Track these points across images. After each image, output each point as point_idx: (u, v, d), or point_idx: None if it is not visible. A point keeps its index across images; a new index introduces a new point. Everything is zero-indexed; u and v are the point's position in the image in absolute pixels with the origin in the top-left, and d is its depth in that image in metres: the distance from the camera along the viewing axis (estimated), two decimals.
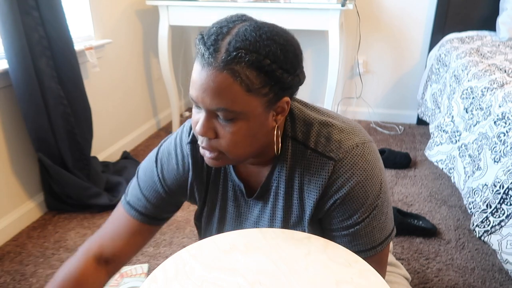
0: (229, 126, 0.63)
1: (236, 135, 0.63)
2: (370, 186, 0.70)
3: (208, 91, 0.60)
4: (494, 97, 1.43)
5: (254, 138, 0.65)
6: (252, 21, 0.63)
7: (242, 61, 0.58)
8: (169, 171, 0.79)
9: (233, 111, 0.61)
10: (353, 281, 0.59)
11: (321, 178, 0.70)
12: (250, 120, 0.63)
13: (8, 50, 1.52)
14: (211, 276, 0.60)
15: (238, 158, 0.67)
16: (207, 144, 0.66)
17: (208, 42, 0.59)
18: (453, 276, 1.43)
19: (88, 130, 1.87)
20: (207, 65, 0.59)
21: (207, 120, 0.63)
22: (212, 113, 0.63)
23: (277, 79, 0.61)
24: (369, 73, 2.88)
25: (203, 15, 2.30)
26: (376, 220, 0.72)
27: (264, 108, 0.63)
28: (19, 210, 1.72)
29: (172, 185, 0.80)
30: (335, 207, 0.71)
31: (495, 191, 1.19)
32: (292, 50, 0.62)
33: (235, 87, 0.59)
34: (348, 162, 0.69)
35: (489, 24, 2.52)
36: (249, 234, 0.69)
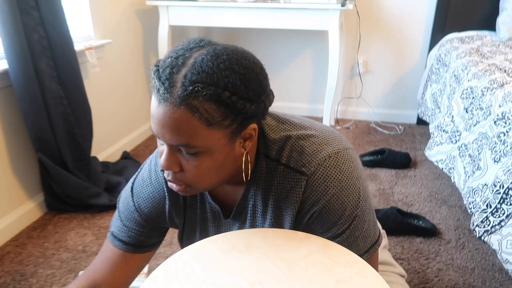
0: (192, 159, 0.61)
1: (200, 168, 0.62)
2: (346, 197, 0.68)
3: (166, 127, 0.57)
4: (494, 97, 1.43)
5: (220, 169, 0.64)
6: (211, 48, 0.59)
7: (199, 95, 0.55)
8: (146, 199, 0.78)
9: (195, 146, 0.59)
10: (353, 281, 0.59)
11: (296, 194, 0.68)
12: (214, 152, 0.61)
13: (8, 50, 1.52)
14: (211, 276, 0.60)
15: (207, 188, 0.66)
16: (172, 177, 0.64)
17: (163, 76, 0.56)
18: (453, 276, 1.43)
19: (88, 130, 1.87)
20: (163, 101, 0.56)
21: (170, 154, 0.61)
22: (175, 147, 0.61)
23: (239, 110, 0.58)
24: (369, 73, 2.87)
25: (203, 15, 2.30)
26: (357, 230, 0.71)
27: (228, 139, 0.61)
28: (19, 210, 1.72)
29: (150, 213, 0.79)
30: (312, 221, 0.70)
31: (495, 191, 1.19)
32: (253, 78, 0.59)
33: (195, 122, 0.56)
34: (321, 175, 0.67)
35: (489, 24, 2.52)
36: (249, 234, 0.69)
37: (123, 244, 0.80)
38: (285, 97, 3.09)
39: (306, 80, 3.00)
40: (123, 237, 0.80)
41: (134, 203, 0.79)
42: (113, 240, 0.81)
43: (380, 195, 1.95)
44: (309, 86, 3.02)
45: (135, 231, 0.80)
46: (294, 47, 2.93)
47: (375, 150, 2.29)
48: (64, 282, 1.43)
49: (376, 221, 0.76)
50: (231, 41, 3.04)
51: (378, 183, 2.06)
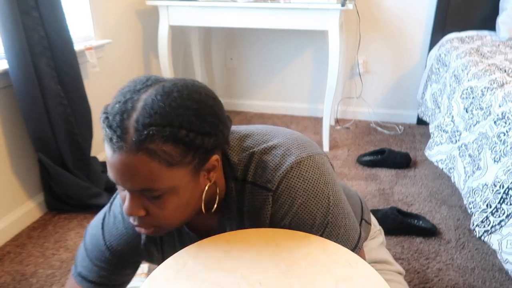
0: (158, 202, 0.59)
1: (167, 209, 0.60)
2: (315, 205, 0.67)
3: (126, 175, 0.55)
4: (494, 97, 1.43)
5: (187, 206, 0.62)
6: (159, 86, 0.57)
7: (156, 138, 0.53)
8: (117, 236, 0.74)
9: (158, 189, 0.57)
10: (353, 280, 0.59)
11: (265, 210, 0.68)
12: (179, 191, 0.59)
13: (8, 50, 1.52)
14: (211, 276, 0.60)
15: (176, 226, 0.64)
16: (139, 222, 0.62)
17: (113, 124, 0.54)
18: (453, 276, 1.43)
19: (88, 130, 1.87)
20: (118, 149, 0.54)
21: (133, 201, 0.59)
22: (137, 192, 0.59)
23: (198, 145, 0.57)
24: (369, 73, 2.87)
25: (203, 15, 2.30)
26: (333, 236, 0.69)
27: (192, 175, 0.59)
28: (19, 210, 1.72)
29: (123, 250, 0.75)
30: None
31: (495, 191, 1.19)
32: (208, 111, 0.58)
33: (155, 165, 0.55)
34: (285, 188, 0.66)
35: (489, 24, 2.52)
36: (249, 234, 0.69)
37: (93, 286, 0.75)
38: (285, 97, 3.09)
39: (306, 80, 3.00)
40: (93, 278, 0.75)
41: (106, 241, 0.74)
42: (81, 281, 0.75)
43: (380, 195, 1.95)
44: (309, 86, 3.02)
45: (106, 271, 0.75)
46: (294, 47, 2.93)
47: (375, 150, 2.29)
48: (64, 282, 1.43)
49: (354, 222, 0.74)
50: (231, 41, 3.04)
51: (378, 183, 2.06)
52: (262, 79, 3.09)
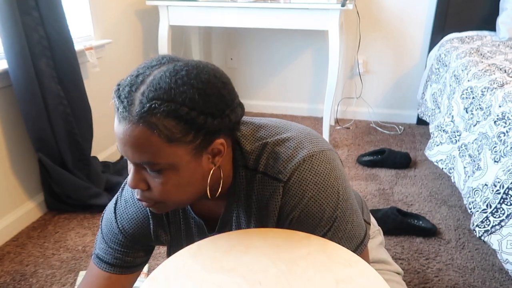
0: (158, 177, 0.60)
1: (166, 185, 0.61)
2: (324, 199, 0.67)
3: (128, 145, 0.57)
4: (494, 97, 1.43)
5: (188, 186, 0.63)
6: (171, 65, 0.59)
7: (157, 112, 0.55)
8: (129, 220, 0.77)
9: (158, 163, 0.58)
10: (353, 281, 0.59)
11: (275, 201, 0.68)
12: (179, 169, 0.60)
13: (8, 50, 1.52)
14: (211, 276, 0.60)
15: (178, 204, 0.66)
16: (141, 196, 0.64)
17: (122, 95, 0.57)
18: (453, 276, 1.43)
19: (88, 130, 1.87)
20: (123, 119, 0.57)
21: (136, 173, 0.61)
22: (140, 165, 0.61)
23: (200, 125, 0.58)
24: (369, 73, 2.87)
25: (203, 15, 2.30)
26: (340, 232, 0.70)
27: (192, 155, 0.60)
28: (19, 210, 1.72)
29: (134, 234, 0.78)
30: (292, 225, 0.70)
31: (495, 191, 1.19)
32: (214, 92, 0.58)
33: (155, 139, 0.56)
34: (296, 180, 0.67)
35: (489, 24, 2.52)
36: (249, 234, 0.69)
37: (109, 266, 0.79)
38: (285, 97, 3.09)
39: (306, 80, 3.00)
40: (109, 259, 0.79)
41: (118, 224, 0.77)
42: (98, 263, 0.80)
43: (380, 195, 1.95)
44: (309, 86, 3.02)
45: (120, 252, 0.79)
46: (294, 47, 2.93)
47: (375, 150, 2.29)
48: (64, 282, 1.43)
49: (360, 219, 0.75)
50: (231, 41, 3.04)
51: (378, 183, 2.06)
52: (262, 79, 3.09)
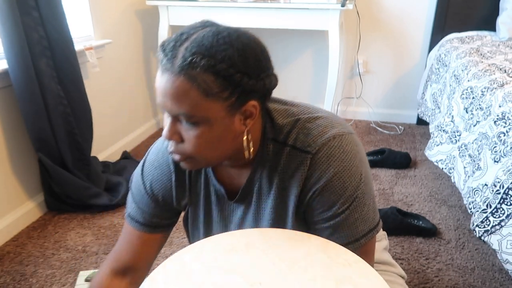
0: (192, 130, 0.63)
1: (199, 139, 0.63)
2: (348, 177, 0.69)
3: (168, 96, 0.61)
4: (494, 97, 1.43)
5: (219, 143, 0.65)
6: (214, 27, 0.63)
7: (197, 66, 0.58)
8: (155, 181, 0.81)
9: (193, 116, 0.61)
10: (353, 281, 0.59)
11: (300, 172, 0.70)
12: (213, 124, 0.62)
13: (8, 50, 1.52)
14: (211, 276, 0.60)
15: (207, 161, 0.67)
16: (174, 148, 0.66)
17: (167, 49, 0.60)
18: (453, 276, 1.43)
19: (88, 130, 1.87)
20: (165, 71, 0.60)
21: (172, 125, 0.64)
22: (176, 117, 0.63)
23: (237, 83, 0.60)
24: (369, 73, 2.88)
25: (203, 15, 2.30)
26: (357, 212, 0.72)
27: (227, 113, 0.62)
28: (19, 210, 1.72)
29: (159, 194, 0.81)
30: (313, 198, 0.71)
31: (495, 191, 1.19)
32: (252, 55, 0.62)
33: (193, 92, 0.59)
34: (324, 154, 0.69)
35: (489, 24, 2.52)
36: (249, 234, 0.69)
37: (139, 225, 0.83)
38: (285, 97, 3.07)
39: (306, 80, 3.00)
40: (139, 218, 0.83)
41: (145, 185, 0.81)
42: (130, 221, 0.84)
43: (380, 195, 1.95)
44: (309, 86, 3.02)
45: (148, 213, 0.83)
46: (294, 47, 2.93)
47: (375, 150, 2.29)
48: (64, 282, 1.43)
49: (376, 207, 0.77)
50: None
51: (378, 183, 2.06)
52: None
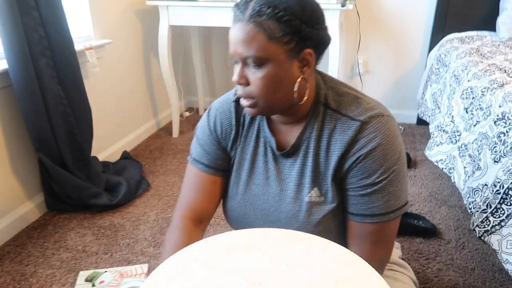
0: (258, 72, 0.72)
1: (264, 79, 0.72)
2: (389, 151, 0.76)
3: (239, 42, 0.72)
4: (494, 97, 1.43)
5: (280, 85, 0.74)
6: None
7: (264, 14, 0.69)
8: (218, 122, 0.89)
9: (260, 57, 0.71)
10: (353, 281, 0.59)
11: (347, 136, 0.76)
12: (276, 65, 0.72)
13: (8, 50, 1.52)
14: (211, 276, 0.60)
15: (269, 106, 0.76)
16: (242, 91, 0.75)
17: (240, 4, 0.73)
18: (453, 276, 1.43)
19: (88, 130, 1.87)
20: (237, 21, 0.72)
21: (241, 69, 0.74)
22: (245, 62, 0.73)
23: (296, 29, 0.70)
24: (369, 73, 2.88)
25: (203, 15, 2.30)
26: (392, 186, 0.77)
27: (287, 56, 0.72)
28: (19, 210, 1.72)
29: (221, 134, 0.89)
30: (355, 165, 0.77)
31: (495, 191, 1.19)
32: (309, 7, 0.72)
33: (260, 36, 0.70)
34: (372, 126, 0.76)
35: (489, 24, 2.52)
36: (249, 234, 0.69)
37: (205, 167, 0.90)
38: None
39: None
40: (204, 160, 0.90)
41: (209, 125, 0.90)
42: (196, 164, 0.91)
43: None
44: None
45: (212, 154, 0.90)
46: None
47: None
48: (64, 282, 1.43)
49: (407, 190, 0.83)
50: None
51: None
52: None
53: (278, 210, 0.84)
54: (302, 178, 0.82)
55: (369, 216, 0.78)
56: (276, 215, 0.84)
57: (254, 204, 0.87)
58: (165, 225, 1.75)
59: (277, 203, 0.84)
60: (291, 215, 0.83)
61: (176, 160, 2.37)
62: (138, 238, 1.66)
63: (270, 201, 0.85)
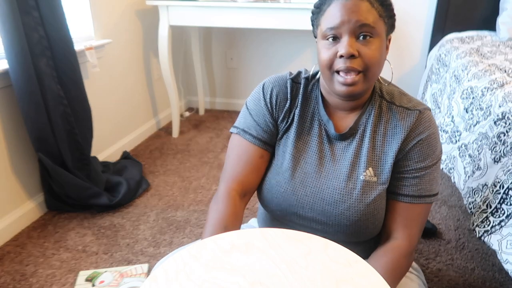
0: (368, 44, 0.78)
1: (375, 51, 0.78)
2: (438, 140, 0.86)
3: (355, 13, 0.77)
4: (494, 97, 1.43)
5: (382, 59, 0.81)
6: None
7: None
8: (273, 92, 0.91)
9: (373, 28, 0.77)
10: (353, 281, 0.59)
11: (408, 123, 0.84)
12: (381, 40, 0.79)
13: (8, 50, 1.52)
14: (211, 276, 0.60)
15: (372, 80, 0.81)
16: (350, 63, 0.78)
17: None
18: (453, 276, 1.43)
19: (88, 130, 1.87)
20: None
21: (350, 42, 0.77)
22: (353, 35, 0.78)
23: (392, 14, 0.81)
24: None
25: (203, 15, 2.30)
26: (436, 172, 0.87)
27: (385, 35, 0.81)
28: (19, 210, 1.72)
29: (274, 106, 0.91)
30: (414, 147, 0.84)
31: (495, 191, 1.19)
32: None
33: (373, 11, 0.77)
34: (427, 115, 0.85)
35: (489, 24, 2.52)
36: (249, 234, 0.69)
37: (253, 138, 0.91)
38: None
39: None
40: (253, 132, 0.91)
41: (265, 97, 0.91)
42: (244, 135, 0.91)
43: None
44: None
45: (261, 126, 0.91)
46: (294, 47, 2.93)
47: None
48: (64, 282, 1.43)
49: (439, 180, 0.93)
50: (231, 41, 3.04)
51: None
52: (262, 79, 3.09)
53: (331, 187, 0.86)
54: (357, 158, 0.87)
55: (417, 197, 0.85)
56: (329, 192, 0.86)
57: (304, 181, 0.88)
58: (165, 225, 1.75)
59: (331, 181, 0.87)
60: (345, 192, 0.85)
61: (176, 160, 2.37)
62: (138, 238, 1.66)
63: (323, 179, 0.87)
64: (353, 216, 0.84)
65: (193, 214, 1.83)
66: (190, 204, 1.92)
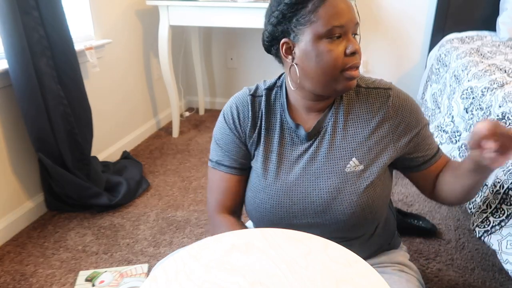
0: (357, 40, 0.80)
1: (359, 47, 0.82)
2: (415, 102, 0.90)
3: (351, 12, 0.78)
4: (494, 97, 1.43)
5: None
6: None
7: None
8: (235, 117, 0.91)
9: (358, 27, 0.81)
10: (353, 281, 0.59)
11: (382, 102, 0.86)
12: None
13: (8, 50, 1.52)
14: (211, 276, 0.60)
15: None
16: (359, 59, 0.80)
17: None
18: (453, 276, 1.43)
19: (88, 130, 1.87)
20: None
21: (354, 40, 0.79)
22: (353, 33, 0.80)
23: None
24: (369, 73, 2.87)
25: (203, 15, 2.30)
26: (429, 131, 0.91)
27: None
28: (19, 210, 1.72)
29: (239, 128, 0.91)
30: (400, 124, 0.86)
31: (495, 191, 1.19)
32: None
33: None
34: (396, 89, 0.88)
35: (489, 24, 2.52)
36: (249, 234, 0.69)
37: (227, 168, 0.93)
38: None
39: None
40: (225, 162, 0.93)
41: (227, 123, 0.92)
42: (218, 167, 0.94)
43: None
44: None
45: (233, 153, 0.92)
46: None
47: None
48: (64, 282, 1.43)
49: None
50: (231, 41, 3.04)
51: None
52: (262, 79, 3.08)
53: (317, 189, 0.85)
54: (334, 152, 0.86)
55: (433, 157, 0.90)
56: (316, 194, 0.85)
57: (288, 191, 0.87)
58: (165, 225, 1.75)
59: (315, 182, 0.86)
60: (332, 189, 0.84)
61: (176, 160, 2.37)
62: (138, 238, 1.66)
63: (307, 183, 0.86)
64: (348, 209, 0.83)
65: (193, 214, 1.83)
66: (190, 204, 1.92)
